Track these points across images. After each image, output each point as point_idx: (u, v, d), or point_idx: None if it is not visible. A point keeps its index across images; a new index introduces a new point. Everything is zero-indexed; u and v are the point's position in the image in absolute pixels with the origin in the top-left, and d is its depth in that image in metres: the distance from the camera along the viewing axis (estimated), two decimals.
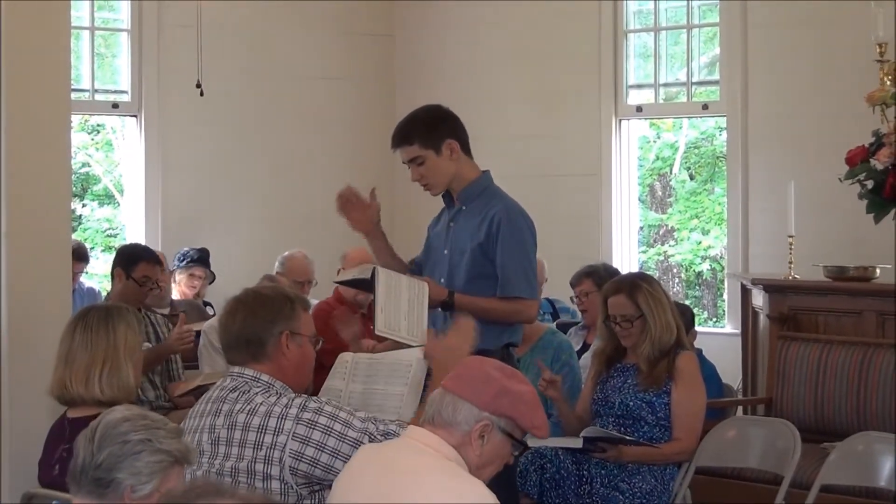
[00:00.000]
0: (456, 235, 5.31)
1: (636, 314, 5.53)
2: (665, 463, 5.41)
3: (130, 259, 6.70)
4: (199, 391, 5.89)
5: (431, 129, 5.26)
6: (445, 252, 5.33)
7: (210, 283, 8.80)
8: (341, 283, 5.89)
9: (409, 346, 4.96)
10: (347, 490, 3.53)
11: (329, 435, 3.85)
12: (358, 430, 3.88)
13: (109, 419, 3.09)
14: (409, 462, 3.41)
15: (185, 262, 8.68)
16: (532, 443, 4.71)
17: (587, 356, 6.90)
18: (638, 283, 5.63)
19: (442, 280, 5.27)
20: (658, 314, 5.52)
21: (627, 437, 5.36)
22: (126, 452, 3.00)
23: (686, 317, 6.95)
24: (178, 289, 8.64)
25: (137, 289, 6.60)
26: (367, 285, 5.26)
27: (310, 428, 3.85)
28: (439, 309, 5.17)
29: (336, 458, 3.82)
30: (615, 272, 7.50)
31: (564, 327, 7.60)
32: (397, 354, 4.88)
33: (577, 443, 5.32)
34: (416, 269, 5.46)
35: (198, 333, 7.21)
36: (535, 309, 5.44)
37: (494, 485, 3.50)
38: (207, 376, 6.29)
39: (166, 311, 7.65)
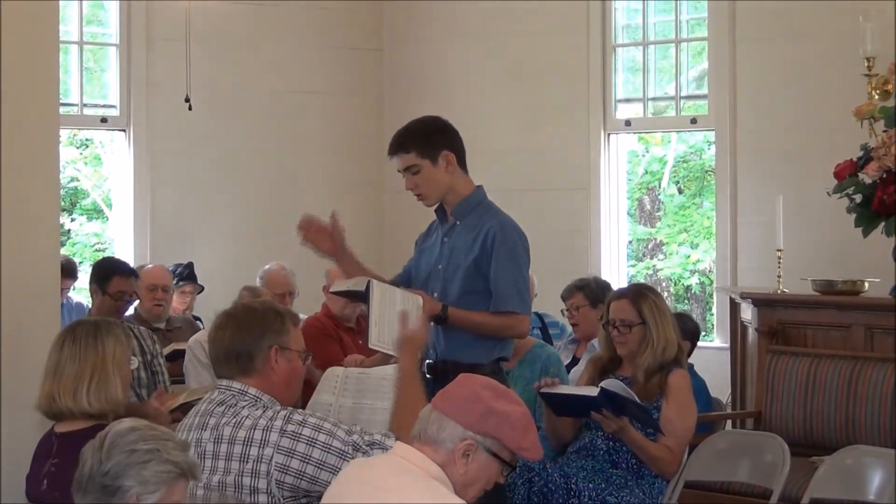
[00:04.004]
0: (451, 251, 5.31)
1: (637, 321, 5.52)
2: (648, 464, 5.37)
3: (103, 275, 6.71)
4: (185, 407, 5.87)
5: (429, 139, 5.27)
6: (440, 267, 5.32)
7: (198, 294, 8.81)
8: (336, 293, 5.90)
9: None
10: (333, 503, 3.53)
11: (313, 446, 3.85)
12: (342, 440, 3.88)
13: (119, 429, 3.09)
14: (393, 480, 3.40)
15: (175, 281, 8.69)
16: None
17: (577, 370, 6.91)
18: (644, 293, 5.63)
19: (435, 295, 5.26)
20: (662, 326, 5.50)
21: (643, 406, 5.31)
22: (134, 461, 3.01)
23: (689, 328, 6.96)
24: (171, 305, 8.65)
25: (113, 304, 6.61)
26: (361, 297, 5.27)
27: (294, 440, 3.85)
28: (432, 323, 5.18)
29: (321, 469, 3.82)
30: (606, 286, 7.50)
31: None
32: (387, 369, 4.88)
33: (592, 391, 5.27)
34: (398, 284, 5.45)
35: (182, 352, 7.22)
36: (528, 324, 5.44)
37: (481, 499, 3.50)
38: (192, 392, 6.26)
39: (162, 325, 7.69)
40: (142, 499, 3.02)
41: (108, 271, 6.75)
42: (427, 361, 5.19)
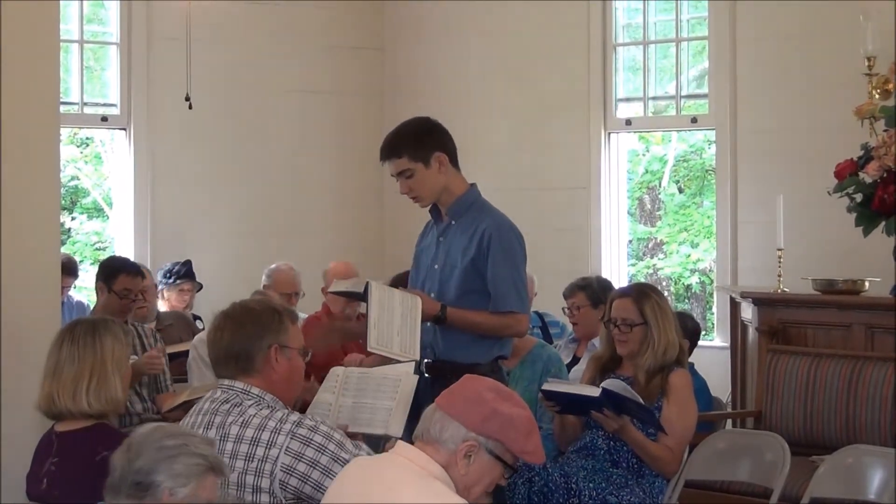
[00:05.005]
0: (447, 251, 5.30)
1: (638, 321, 5.49)
2: (649, 464, 5.36)
3: (110, 272, 6.71)
4: (187, 406, 5.87)
5: (420, 141, 5.25)
6: (436, 267, 5.32)
7: (197, 292, 8.80)
8: (335, 293, 5.90)
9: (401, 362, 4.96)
10: (332, 502, 3.53)
11: (322, 453, 3.86)
12: (350, 452, 3.88)
13: (143, 431, 3.13)
14: (393, 478, 3.41)
15: (173, 279, 8.68)
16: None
17: (577, 369, 6.90)
18: (647, 293, 5.60)
19: (432, 295, 5.26)
20: (663, 327, 5.47)
21: (645, 405, 5.30)
22: (163, 456, 3.04)
23: (689, 328, 6.95)
24: (169, 304, 8.64)
25: (118, 302, 6.61)
26: (360, 297, 5.26)
27: (304, 444, 3.86)
28: (428, 323, 5.17)
29: (326, 476, 3.82)
30: (609, 286, 7.48)
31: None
32: (386, 369, 4.88)
33: (594, 391, 5.26)
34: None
35: (185, 353, 7.22)
36: (526, 323, 5.43)
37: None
38: (194, 390, 6.26)
39: (153, 324, 7.65)
40: (174, 492, 3.04)
41: (114, 269, 6.76)
42: (425, 361, 5.18)
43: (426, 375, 5.12)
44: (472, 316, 5.18)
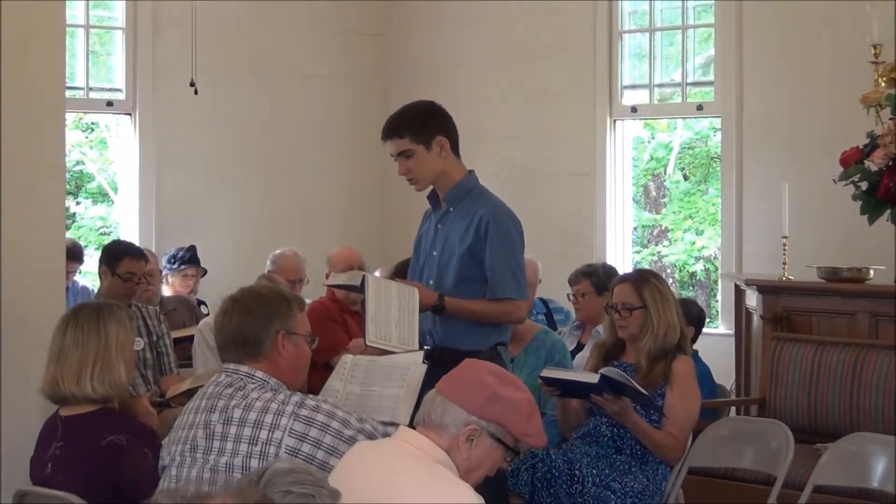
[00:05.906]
0: (445, 237, 5.30)
1: (637, 304, 5.49)
2: (652, 451, 5.36)
3: (114, 256, 6.73)
4: (190, 393, 5.87)
5: (423, 123, 5.25)
6: (434, 254, 5.33)
7: (202, 277, 8.81)
8: (332, 286, 5.90)
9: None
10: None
11: (326, 432, 3.85)
12: (354, 428, 3.88)
13: (277, 468, 3.10)
14: (395, 464, 3.41)
15: (177, 265, 8.69)
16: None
17: (581, 356, 6.91)
18: (646, 277, 5.61)
19: (430, 282, 5.27)
20: (663, 310, 5.47)
21: (643, 392, 5.30)
22: (287, 503, 3.01)
23: (693, 314, 6.94)
24: (173, 289, 8.65)
25: (122, 285, 6.62)
26: (357, 290, 5.26)
27: (307, 425, 3.85)
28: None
29: (332, 455, 3.82)
30: (614, 273, 7.47)
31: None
32: (395, 358, 4.88)
33: (593, 378, 5.27)
34: None
35: (189, 338, 7.22)
36: (525, 309, 5.44)
37: (483, 484, 3.50)
38: (197, 378, 6.26)
39: (156, 307, 7.67)
40: None
41: (118, 253, 6.78)
42: (424, 348, 5.18)
43: (425, 362, 5.12)
44: (471, 305, 5.18)
